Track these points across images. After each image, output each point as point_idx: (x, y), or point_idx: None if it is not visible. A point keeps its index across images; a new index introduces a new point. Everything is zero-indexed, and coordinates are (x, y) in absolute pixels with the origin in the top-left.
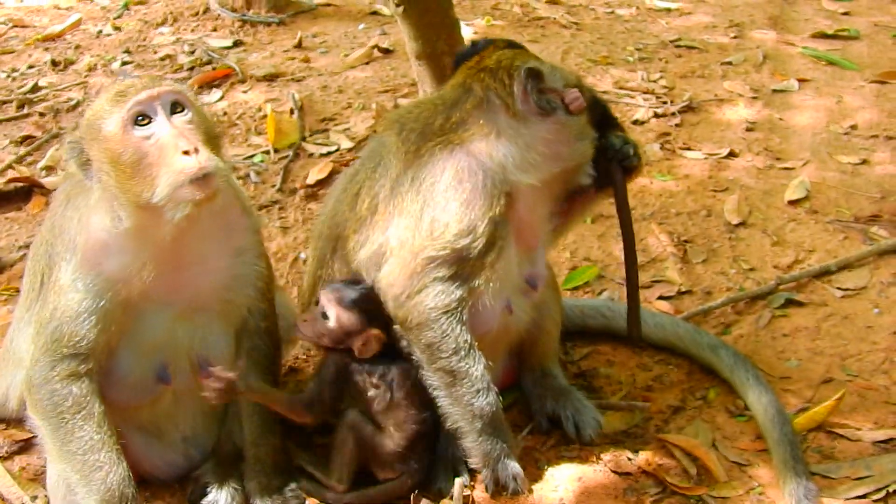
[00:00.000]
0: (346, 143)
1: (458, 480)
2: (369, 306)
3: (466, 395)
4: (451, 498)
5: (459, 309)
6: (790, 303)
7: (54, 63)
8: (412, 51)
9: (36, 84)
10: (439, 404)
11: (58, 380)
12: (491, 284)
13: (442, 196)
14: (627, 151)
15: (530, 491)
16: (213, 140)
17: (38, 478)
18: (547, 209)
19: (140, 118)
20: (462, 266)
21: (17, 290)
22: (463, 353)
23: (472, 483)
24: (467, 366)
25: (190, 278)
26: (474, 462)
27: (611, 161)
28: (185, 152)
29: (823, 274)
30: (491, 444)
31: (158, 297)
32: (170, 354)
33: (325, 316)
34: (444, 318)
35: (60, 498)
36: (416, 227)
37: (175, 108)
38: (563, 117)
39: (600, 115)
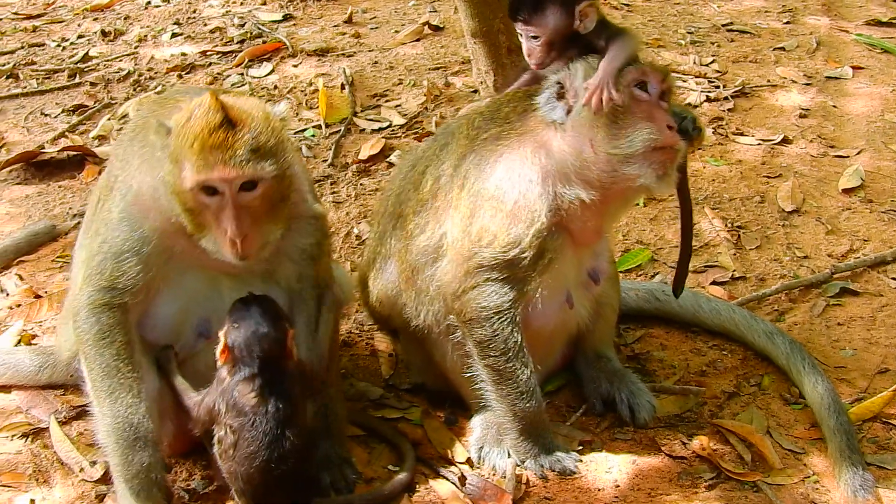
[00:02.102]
0: (398, 120)
1: (509, 461)
2: (238, 320)
3: (511, 396)
4: (505, 477)
5: (512, 309)
6: (845, 292)
7: (104, 33)
8: (468, 28)
9: (86, 54)
10: (486, 398)
11: (90, 308)
12: (545, 286)
13: (489, 204)
14: (686, 127)
15: (577, 472)
16: (280, 202)
17: (95, 443)
18: (610, 212)
19: (209, 189)
20: (514, 270)
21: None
22: (511, 354)
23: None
24: (514, 368)
25: None
26: (518, 456)
27: None
28: (232, 241)
29: (879, 264)
30: (531, 443)
31: (200, 259)
32: (212, 309)
33: None
34: (497, 317)
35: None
36: (467, 229)
37: (247, 185)
38: (579, 116)
39: None
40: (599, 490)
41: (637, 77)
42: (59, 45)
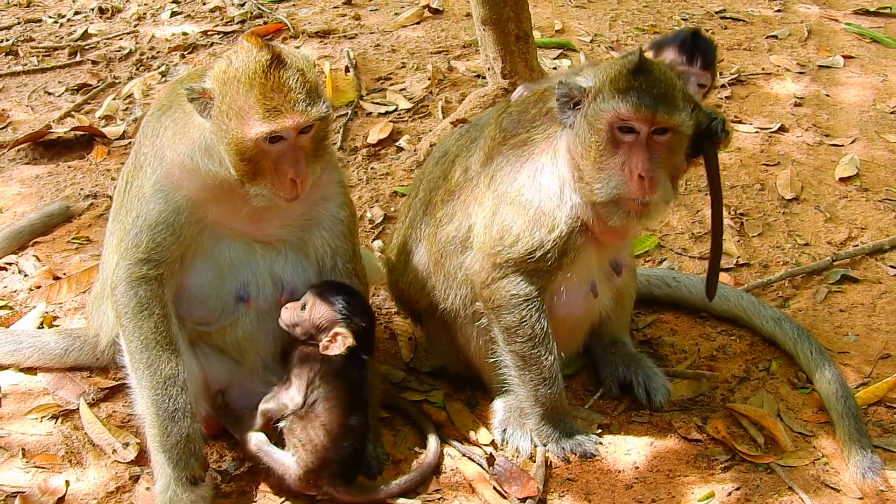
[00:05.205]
0: (405, 104)
1: (539, 449)
2: (345, 309)
3: (533, 381)
4: (533, 459)
5: (539, 297)
6: (845, 279)
7: (101, 10)
8: (477, 16)
9: (86, 31)
10: (509, 382)
11: (127, 282)
12: (571, 277)
13: (512, 208)
14: (716, 128)
15: (598, 454)
16: (323, 141)
17: (125, 425)
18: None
19: (275, 138)
20: (539, 265)
21: (88, 239)
22: (537, 340)
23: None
24: (538, 354)
25: (265, 217)
26: (540, 440)
27: (701, 139)
28: (293, 180)
29: (877, 252)
30: (552, 427)
31: (235, 227)
32: (250, 274)
33: (303, 307)
34: (525, 304)
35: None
36: (490, 227)
37: (306, 128)
38: (575, 141)
39: None
40: (620, 472)
41: (616, 120)
42: (56, 22)
